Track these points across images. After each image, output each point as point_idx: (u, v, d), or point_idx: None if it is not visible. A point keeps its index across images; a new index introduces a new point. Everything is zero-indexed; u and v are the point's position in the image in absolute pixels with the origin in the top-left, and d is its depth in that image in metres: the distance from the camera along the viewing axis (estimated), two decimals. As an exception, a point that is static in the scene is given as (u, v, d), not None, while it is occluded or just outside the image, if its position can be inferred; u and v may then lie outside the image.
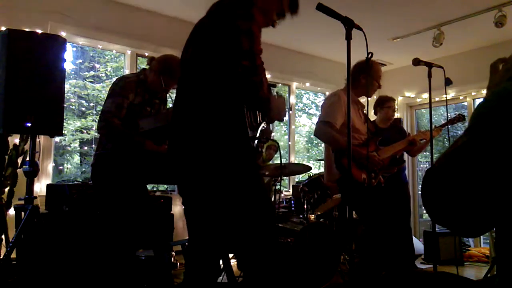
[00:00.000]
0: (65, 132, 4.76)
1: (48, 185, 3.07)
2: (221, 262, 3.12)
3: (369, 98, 2.52)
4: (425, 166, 6.59)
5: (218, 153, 1.54)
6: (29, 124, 2.35)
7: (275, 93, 1.83)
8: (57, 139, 4.28)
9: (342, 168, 2.63)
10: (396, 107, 4.14)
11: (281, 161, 2.15)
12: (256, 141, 1.62)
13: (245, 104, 1.59)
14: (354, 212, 2.78)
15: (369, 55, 1.81)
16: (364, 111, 3.00)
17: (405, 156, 3.75)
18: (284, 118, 1.87)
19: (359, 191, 2.64)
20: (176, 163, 1.67)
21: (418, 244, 4.52)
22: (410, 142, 3.22)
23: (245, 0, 1.59)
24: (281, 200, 4.17)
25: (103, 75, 6.01)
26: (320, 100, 7.09)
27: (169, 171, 2.28)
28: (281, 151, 2.01)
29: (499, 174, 0.73)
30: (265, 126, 1.73)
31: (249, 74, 1.52)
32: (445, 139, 7.23)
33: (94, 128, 5.11)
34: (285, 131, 6.17)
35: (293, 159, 5.56)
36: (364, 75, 2.77)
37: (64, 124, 2.75)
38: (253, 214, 1.59)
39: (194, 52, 1.65)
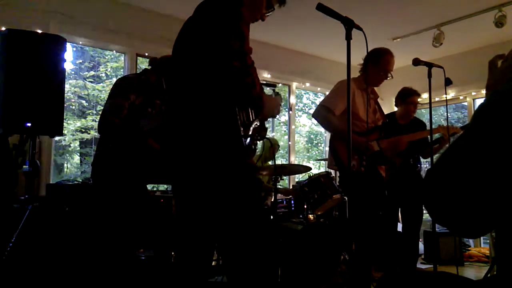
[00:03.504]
0: (65, 132, 4.76)
1: (48, 185, 3.07)
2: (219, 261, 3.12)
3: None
4: (425, 166, 6.57)
5: (210, 152, 1.55)
6: (29, 124, 2.35)
7: (272, 92, 1.83)
8: (57, 139, 4.28)
9: (334, 152, 2.69)
10: (418, 102, 3.93)
11: (274, 161, 2.14)
12: (248, 139, 1.63)
13: (238, 103, 1.59)
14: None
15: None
16: (379, 100, 2.95)
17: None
18: (278, 115, 1.86)
19: (346, 175, 2.71)
20: (169, 162, 1.68)
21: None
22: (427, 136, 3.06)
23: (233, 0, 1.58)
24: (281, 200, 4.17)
25: (103, 75, 6.00)
26: (320, 100, 7.07)
27: (164, 169, 2.28)
28: (281, 151, 2.02)
29: (499, 174, 0.73)
30: (258, 124, 1.74)
31: (241, 76, 1.52)
32: (445, 139, 7.21)
33: (94, 128, 5.11)
34: (285, 131, 6.16)
35: (293, 159, 5.56)
36: (371, 63, 2.74)
37: (64, 124, 2.75)
38: (243, 213, 1.59)
39: (185, 52, 1.65)
